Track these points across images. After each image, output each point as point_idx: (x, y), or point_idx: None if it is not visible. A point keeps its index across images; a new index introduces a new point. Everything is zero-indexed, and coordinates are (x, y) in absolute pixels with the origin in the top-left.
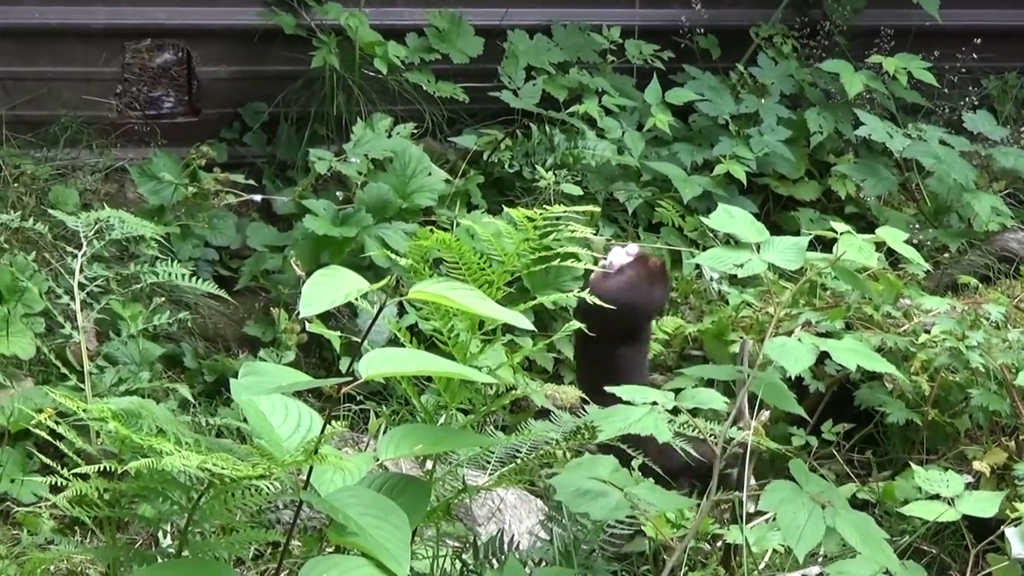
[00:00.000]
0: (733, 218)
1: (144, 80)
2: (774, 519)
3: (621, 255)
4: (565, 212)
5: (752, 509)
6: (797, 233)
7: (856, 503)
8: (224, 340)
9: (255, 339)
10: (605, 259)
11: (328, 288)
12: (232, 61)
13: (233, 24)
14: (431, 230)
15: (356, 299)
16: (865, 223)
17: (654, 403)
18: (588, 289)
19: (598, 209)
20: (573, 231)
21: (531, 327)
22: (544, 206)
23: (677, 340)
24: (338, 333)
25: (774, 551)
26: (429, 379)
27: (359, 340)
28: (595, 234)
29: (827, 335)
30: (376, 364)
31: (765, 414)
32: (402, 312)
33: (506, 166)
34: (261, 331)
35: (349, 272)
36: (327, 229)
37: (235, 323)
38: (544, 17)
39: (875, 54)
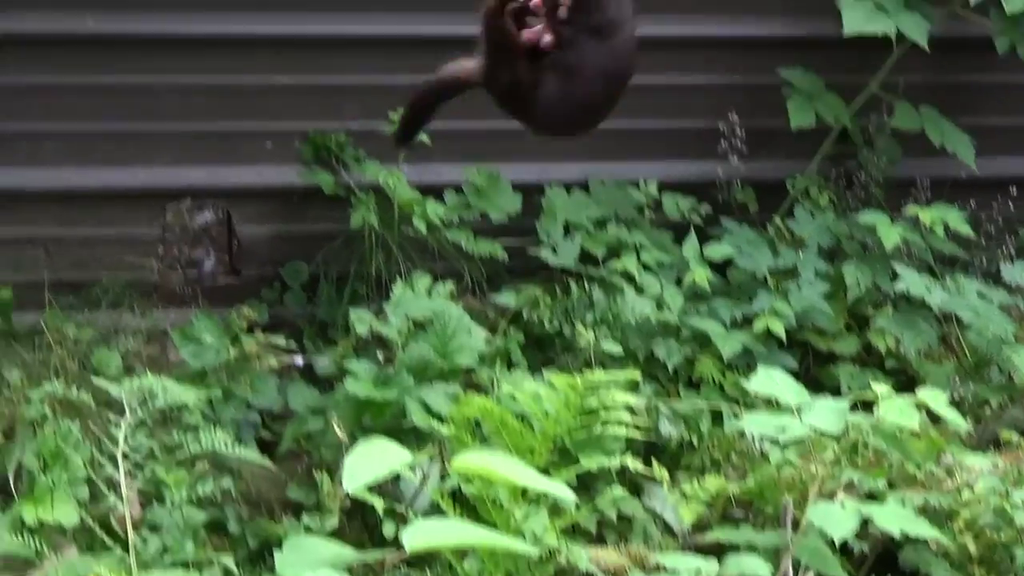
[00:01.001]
0: (774, 381)
1: (185, 241)
2: None
3: None
4: (606, 379)
5: None
6: (837, 388)
7: None
8: (267, 504)
9: (298, 503)
10: None
11: (371, 461)
12: (272, 221)
13: (273, 184)
14: (474, 391)
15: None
16: (905, 377)
17: (698, 571)
18: None
19: (638, 375)
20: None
21: (573, 498)
22: (584, 364)
23: (720, 501)
24: (381, 500)
25: None
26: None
27: (402, 505)
28: (635, 389)
29: (870, 496)
30: (421, 536)
31: None
32: (444, 476)
33: (546, 324)
34: (304, 495)
35: (391, 444)
36: (368, 392)
37: (278, 487)
38: (582, 173)
39: (911, 205)
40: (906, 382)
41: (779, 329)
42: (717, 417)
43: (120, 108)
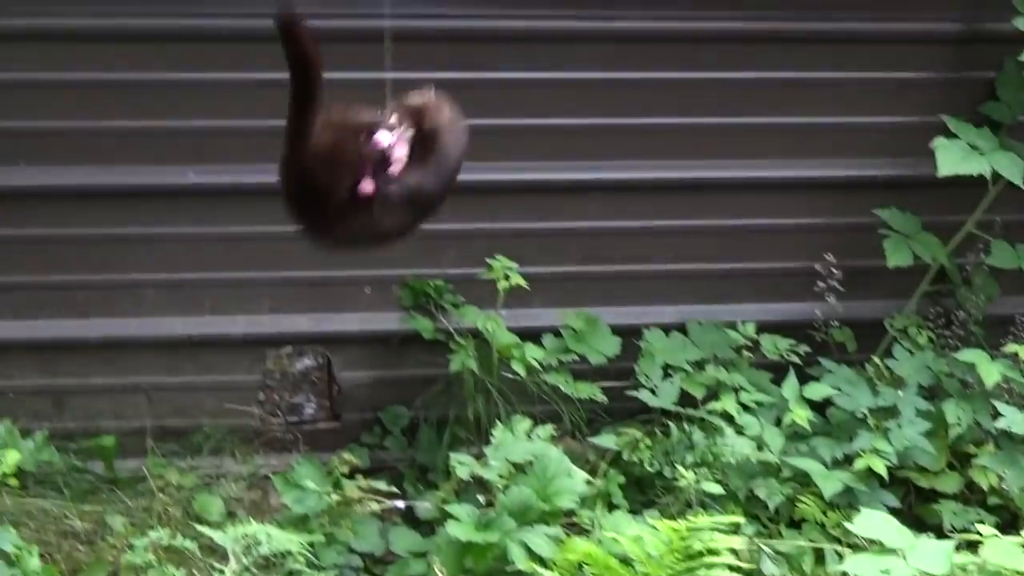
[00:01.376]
0: (877, 522)
1: (285, 387)
2: None
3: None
4: (708, 523)
5: None
6: (939, 526)
7: None
8: None
9: None
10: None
11: None
12: (372, 366)
13: (372, 330)
14: (575, 533)
15: None
16: (1008, 514)
17: None
18: None
19: (741, 519)
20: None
21: None
22: (685, 505)
23: None
24: None
25: None
26: None
27: None
28: (736, 532)
29: None
30: None
31: None
32: None
33: (646, 465)
34: None
35: None
36: (470, 535)
37: None
38: (680, 315)
39: (1011, 343)
40: (1009, 519)
41: (880, 468)
42: (820, 557)
43: (221, 257)
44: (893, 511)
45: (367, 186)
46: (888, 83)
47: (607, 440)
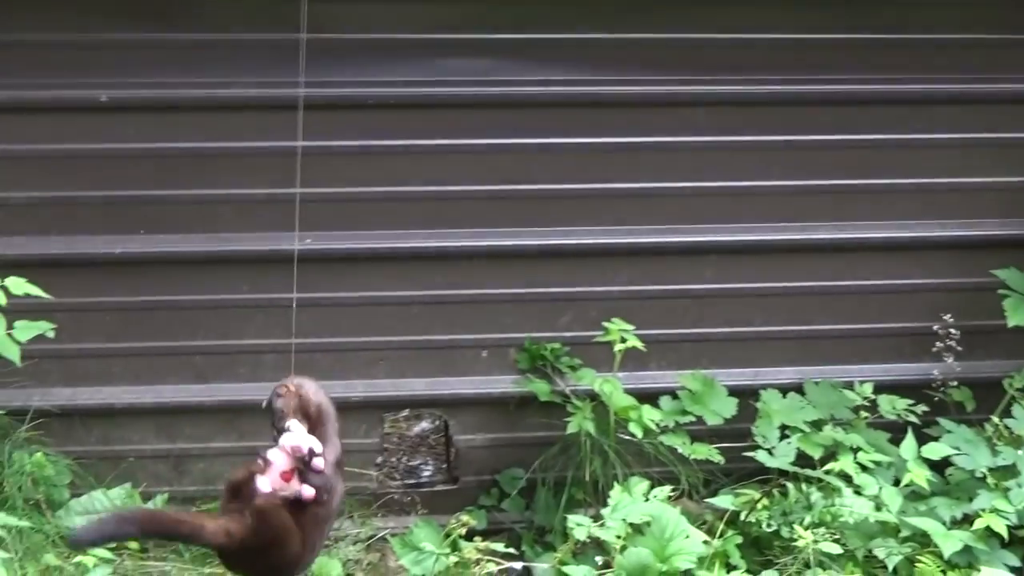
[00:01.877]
0: None
1: (403, 450)
2: None
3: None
4: None
5: None
6: None
7: None
8: None
9: None
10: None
11: None
12: (489, 429)
13: (489, 392)
14: None
15: None
16: None
17: None
18: None
19: None
20: None
21: None
22: (803, 565)
23: None
24: None
25: None
26: None
27: None
28: None
29: None
30: None
31: None
32: None
33: (764, 525)
34: None
35: None
36: None
37: None
38: (796, 375)
39: None
40: None
41: (1001, 527)
42: None
43: (338, 322)
44: (1014, 570)
45: (308, 491)
46: (1006, 143)
47: (724, 501)
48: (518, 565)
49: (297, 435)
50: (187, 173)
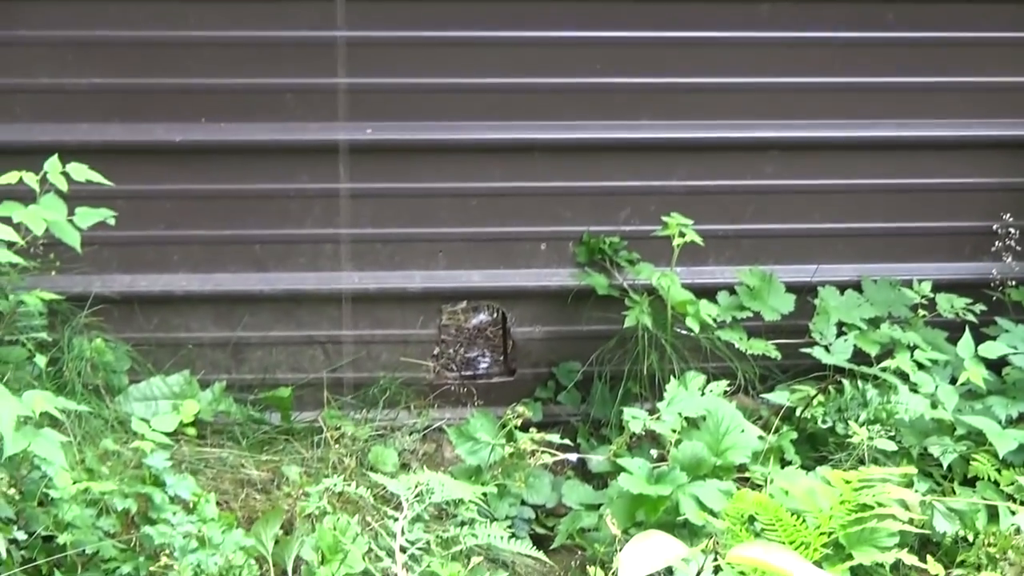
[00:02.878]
0: None
1: (460, 341)
2: None
3: None
4: (881, 474)
5: None
6: None
7: None
8: None
9: None
10: None
11: (646, 555)
12: (546, 321)
13: (547, 285)
14: (748, 488)
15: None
16: None
17: None
18: None
19: (914, 470)
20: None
21: None
22: (858, 462)
23: None
24: None
25: None
26: None
27: None
28: (910, 486)
29: None
30: None
31: None
32: (717, 571)
33: (819, 422)
34: None
35: (667, 536)
36: (642, 488)
37: None
38: (855, 273)
39: None
40: None
41: None
42: (993, 514)
43: (398, 212)
44: None
45: None
46: None
47: (780, 396)
48: (573, 456)
49: None
50: (250, 62)
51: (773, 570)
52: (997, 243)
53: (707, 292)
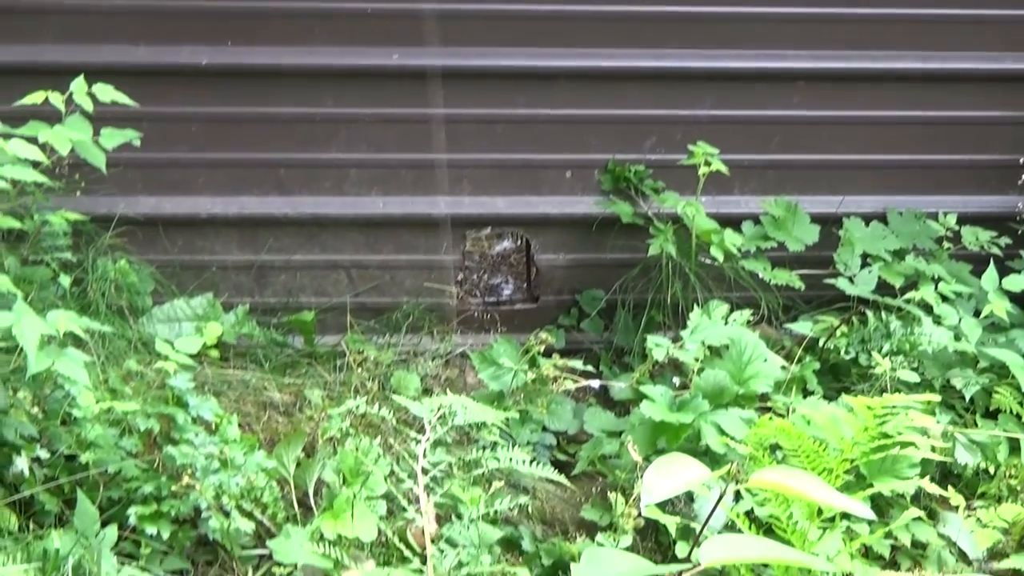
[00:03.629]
0: None
1: (484, 268)
2: None
3: None
4: (904, 401)
5: None
6: None
7: None
8: (561, 524)
9: (592, 523)
10: None
11: (669, 477)
12: (570, 249)
13: (571, 213)
14: (769, 418)
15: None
16: None
17: None
18: None
19: (937, 398)
20: (911, 419)
21: (872, 515)
22: (880, 393)
23: (1017, 529)
24: (675, 518)
25: None
26: (765, 565)
27: (695, 525)
28: (932, 414)
29: None
30: (717, 551)
31: None
32: (738, 497)
33: (842, 352)
34: (598, 515)
35: (689, 460)
36: (664, 415)
37: (572, 507)
38: (880, 204)
39: None
40: None
41: None
42: (1015, 446)
43: (423, 138)
44: None
45: None
46: None
47: (803, 326)
48: (595, 383)
49: None
50: None
51: (795, 494)
52: (1023, 176)
53: (732, 222)
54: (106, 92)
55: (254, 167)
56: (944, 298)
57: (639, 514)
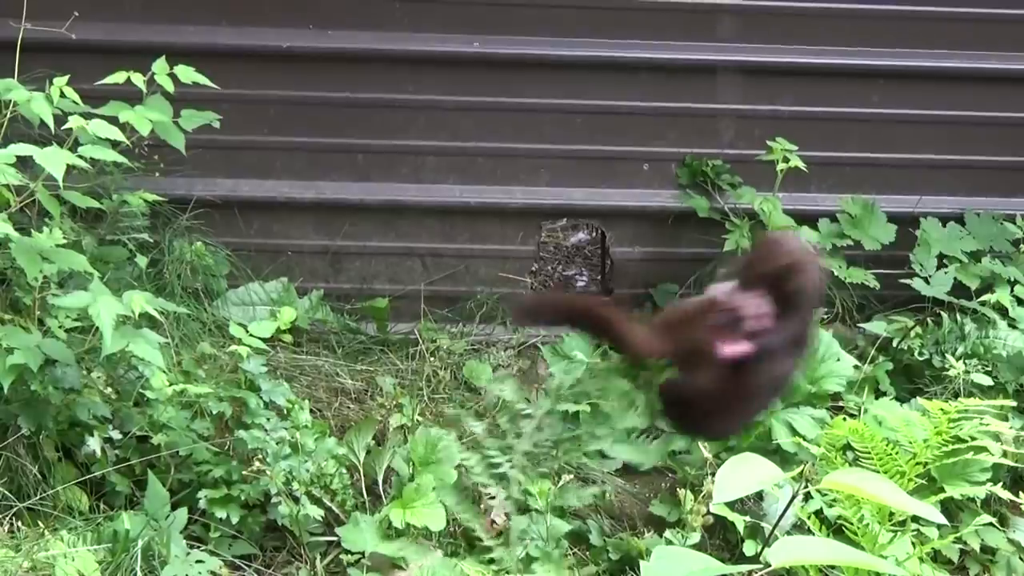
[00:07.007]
0: None
1: (558, 259)
2: None
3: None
4: (978, 405)
5: None
6: None
7: None
8: (630, 519)
9: (660, 519)
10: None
11: (742, 476)
12: (645, 242)
13: (647, 206)
14: (843, 418)
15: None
16: None
17: None
18: None
19: (1011, 403)
20: (985, 424)
21: (943, 520)
22: (953, 395)
23: None
24: (744, 517)
25: None
26: (833, 567)
27: (764, 524)
28: (1006, 419)
29: None
30: (787, 552)
31: None
32: (807, 497)
33: (915, 354)
34: (667, 511)
35: (762, 459)
36: None
37: (641, 502)
38: (957, 206)
39: None
40: None
41: None
42: None
43: (501, 127)
44: None
45: (727, 348)
46: None
47: (877, 327)
48: None
49: (735, 292)
50: None
51: (868, 497)
52: None
53: (808, 219)
54: (187, 73)
55: (332, 152)
56: (1020, 301)
57: (708, 511)
